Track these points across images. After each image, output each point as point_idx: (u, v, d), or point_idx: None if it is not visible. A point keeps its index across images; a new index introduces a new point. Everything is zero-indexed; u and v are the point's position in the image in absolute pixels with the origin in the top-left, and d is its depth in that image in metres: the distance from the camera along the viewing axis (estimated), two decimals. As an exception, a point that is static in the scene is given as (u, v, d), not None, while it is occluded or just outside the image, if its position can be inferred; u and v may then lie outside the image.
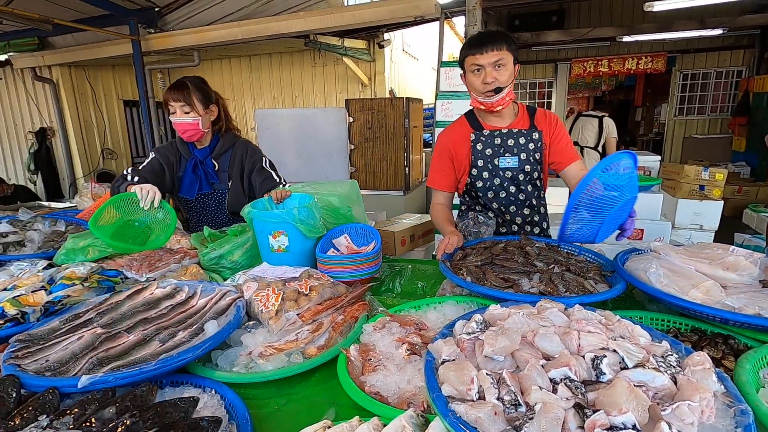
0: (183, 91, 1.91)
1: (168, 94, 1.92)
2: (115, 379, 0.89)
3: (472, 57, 1.63)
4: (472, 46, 1.63)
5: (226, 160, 2.08)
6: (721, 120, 7.97)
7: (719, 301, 1.06)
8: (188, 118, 1.93)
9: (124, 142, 8.38)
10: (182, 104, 1.91)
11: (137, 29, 6.02)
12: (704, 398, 0.67)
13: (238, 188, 2.08)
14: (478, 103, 1.70)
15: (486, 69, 1.61)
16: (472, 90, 1.69)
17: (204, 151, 2.07)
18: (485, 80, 1.61)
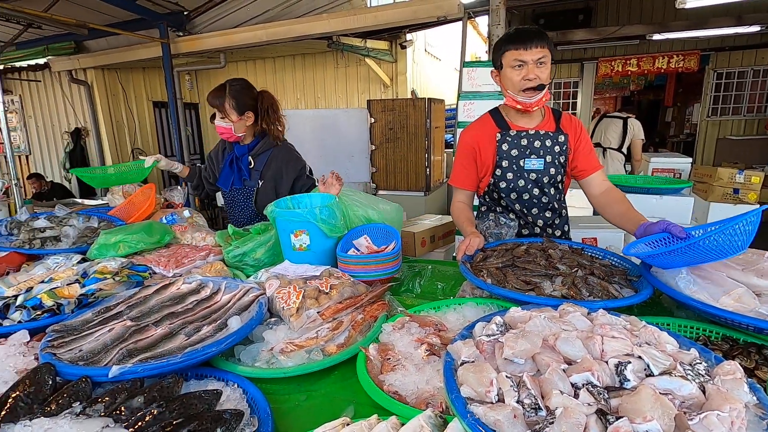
0: (218, 98, 2.08)
1: (210, 99, 2.10)
2: (144, 370, 0.92)
3: (515, 52, 1.58)
4: (515, 40, 1.58)
5: (262, 161, 2.20)
6: (758, 120, 7.62)
7: (753, 309, 1.02)
8: (223, 122, 2.12)
9: (153, 142, 8.65)
10: (221, 109, 2.09)
11: (167, 32, 6.21)
12: (734, 409, 0.65)
13: (269, 189, 2.18)
14: (515, 103, 1.65)
15: (528, 65, 1.57)
16: (511, 87, 1.63)
17: (242, 149, 2.22)
18: (527, 76, 1.57)
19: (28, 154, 8.78)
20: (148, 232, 1.79)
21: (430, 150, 5.10)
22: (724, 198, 3.65)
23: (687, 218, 3.34)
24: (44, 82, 8.21)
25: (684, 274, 1.16)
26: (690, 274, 1.15)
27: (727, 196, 3.66)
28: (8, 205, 4.40)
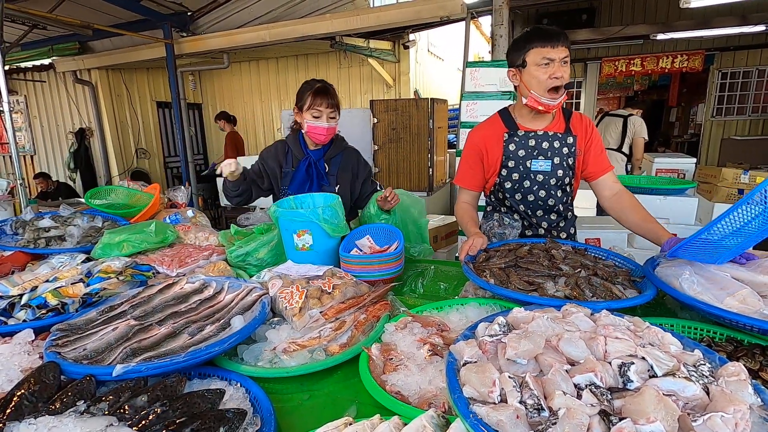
0: (332, 96, 1.95)
1: (319, 99, 1.92)
2: (147, 369, 0.92)
3: (543, 50, 1.55)
4: (543, 38, 1.55)
5: (336, 164, 2.11)
6: (763, 121, 7.57)
7: (757, 310, 1.01)
8: (333, 123, 1.98)
9: (157, 142, 8.69)
10: (332, 110, 1.95)
11: (170, 33, 6.24)
12: (739, 410, 0.64)
13: (346, 192, 2.11)
14: (537, 104, 1.61)
15: (556, 63, 1.55)
16: (535, 86, 1.59)
17: (318, 153, 2.08)
18: (555, 74, 1.55)
19: (33, 154, 8.84)
20: (151, 232, 1.80)
21: (432, 150, 5.10)
22: (729, 198, 3.63)
23: (691, 219, 3.32)
24: (49, 82, 8.26)
25: (688, 274, 1.15)
26: (694, 275, 1.14)
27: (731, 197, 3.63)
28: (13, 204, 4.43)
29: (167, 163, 8.90)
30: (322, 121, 1.93)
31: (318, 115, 1.92)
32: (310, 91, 1.93)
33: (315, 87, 1.93)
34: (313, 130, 1.96)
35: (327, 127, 1.94)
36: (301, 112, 1.98)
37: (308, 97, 1.92)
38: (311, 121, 1.94)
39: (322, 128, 1.94)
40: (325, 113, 1.92)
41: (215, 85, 9.04)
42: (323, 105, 1.91)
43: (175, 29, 6.31)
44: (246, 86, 8.76)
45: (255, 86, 8.69)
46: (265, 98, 8.69)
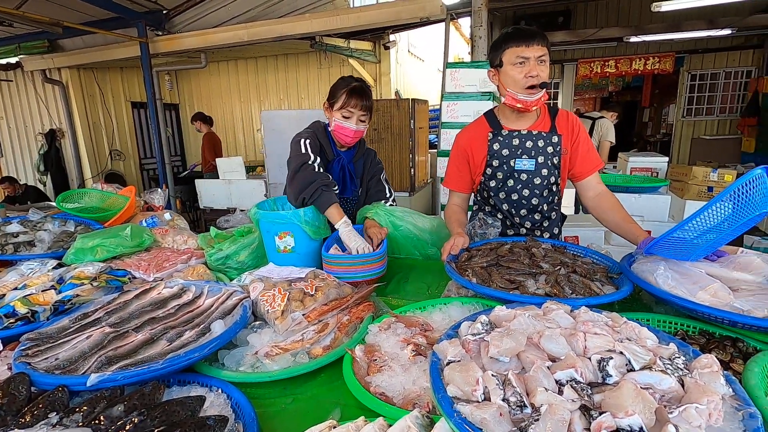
0: (367, 98, 1.84)
1: (353, 99, 1.80)
2: (124, 377, 0.90)
3: (518, 49, 1.57)
4: (518, 38, 1.57)
5: (360, 166, 2.03)
6: (731, 121, 7.88)
7: (728, 303, 1.05)
8: (363, 126, 1.87)
9: (132, 144, 8.46)
10: (364, 113, 1.85)
11: (145, 31, 6.09)
12: (712, 401, 0.66)
13: (363, 195, 2.04)
14: (515, 102, 1.63)
15: (530, 62, 1.56)
16: (512, 85, 1.61)
17: (349, 154, 1.97)
18: (530, 73, 1.56)
19: (0, 156, 8.49)
20: (127, 236, 1.75)
21: (414, 150, 5.12)
22: (700, 196, 3.76)
23: (665, 216, 3.43)
24: (16, 81, 7.95)
25: (662, 270, 1.18)
26: (668, 270, 1.18)
27: (702, 194, 3.77)
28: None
29: (143, 164, 8.68)
30: (351, 122, 1.82)
31: (349, 116, 1.81)
32: (346, 89, 1.81)
33: (351, 86, 1.82)
34: (341, 131, 1.84)
35: (355, 129, 1.83)
36: (331, 109, 1.86)
37: (342, 95, 1.81)
38: (341, 120, 1.82)
39: (350, 130, 1.83)
40: (356, 115, 1.82)
41: (192, 84, 8.87)
42: (357, 107, 1.80)
43: (149, 28, 6.16)
44: (224, 86, 8.63)
45: (234, 86, 8.56)
46: (244, 98, 8.58)
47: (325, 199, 1.68)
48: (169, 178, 6.81)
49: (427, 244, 1.87)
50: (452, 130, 3.89)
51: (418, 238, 1.86)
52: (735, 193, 1.06)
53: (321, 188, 1.69)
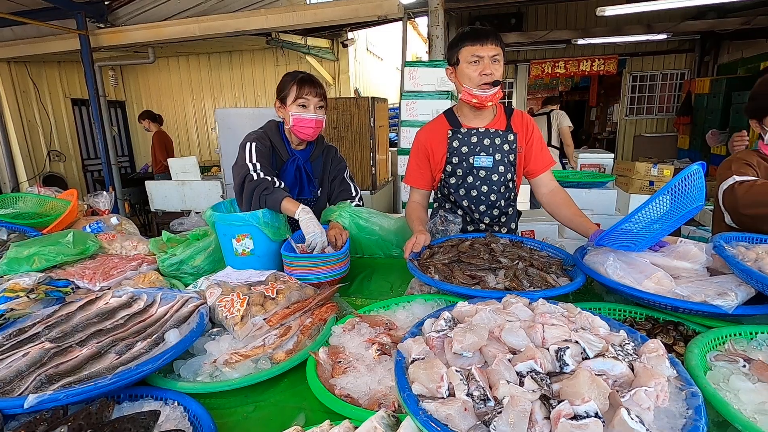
0: (320, 86, 1.78)
1: (305, 88, 1.75)
2: (67, 396, 0.83)
3: (473, 48, 1.62)
4: (472, 37, 1.62)
5: (318, 165, 1.96)
6: (668, 119, 8.49)
7: (670, 290, 1.12)
8: (320, 114, 1.80)
9: (74, 143, 7.90)
10: (320, 99, 1.78)
11: (85, 24, 5.68)
12: (659, 383, 0.71)
13: (324, 196, 1.96)
14: (471, 97, 1.67)
15: (485, 61, 1.61)
16: (467, 82, 1.66)
17: (305, 153, 1.90)
18: (484, 71, 1.61)
19: None
20: (68, 243, 1.63)
21: (374, 149, 5.12)
22: (642, 190, 4.02)
23: (612, 209, 3.64)
24: (-65, 75, 7.20)
25: (612, 261, 1.25)
26: (617, 261, 1.25)
27: (644, 188, 4.03)
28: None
29: (86, 166, 8.13)
30: (309, 111, 1.75)
31: (305, 104, 1.75)
32: (294, 80, 1.77)
33: (299, 76, 1.78)
34: (300, 124, 1.76)
35: (315, 118, 1.76)
36: (284, 105, 1.79)
37: (293, 86, 1.76)
38: (298, 112, 1.75)
39: (310, 119, 1.75)
40: (312, 102, 1.75)
41: (140, 81, 8.41)
42: (311, 94, 1.75)
43: (90, 19, 5.75)
44: (175, 83, 8.24)
45: (185, 83, 8.20)
46: (197, 96, 8.24)
47: (273, 199, 1.62)
48: (116, 180, 6.41)
49: (391, 245, 1.88)
50: (412, 129, 3.93)
51: (383, 239, 1.86)
52: (675, 187, 1.13)
53: (263, 193, 1.63)
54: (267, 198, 1.63)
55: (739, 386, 0.84)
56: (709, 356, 0.94)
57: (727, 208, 1.60)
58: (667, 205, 1.15)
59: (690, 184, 1.14)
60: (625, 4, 5.23)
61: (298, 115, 1.76)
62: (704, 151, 7.15)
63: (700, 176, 1.15)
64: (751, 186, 1.50)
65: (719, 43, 7.66)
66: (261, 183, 1.66)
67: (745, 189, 1.50)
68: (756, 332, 1.00)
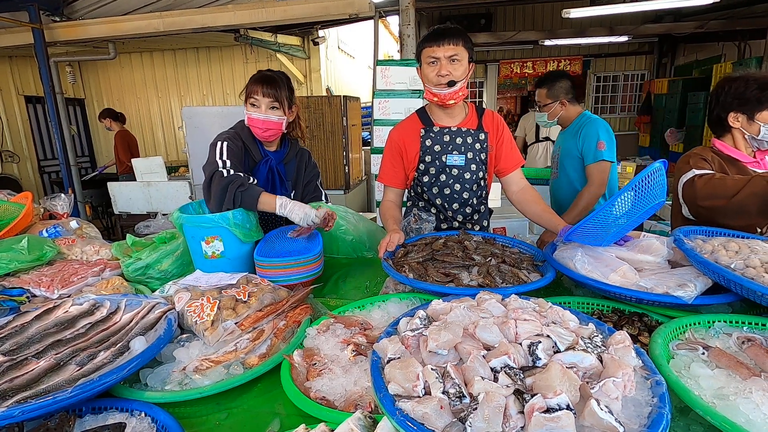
0: (275, 85, 1.71)
1: (256, 86, 1.69)
2: (23, 412, 0.78)
3: (429, 49, 1.65)
4: (430, 38, 1.65)
5: (292, 168, 1.90)
6: (629, 118, 8.86)
7: (634, 283, 1.17)
8: (274, 116, 1.72)
9: (28, 143, 7.48)
10: (272, 100, 1.70)
11: (39, 16, 5.37)
12: (626, 373, 0.73)
13: (297, 199, 1.87)
14: (432, 95, 1.71)
15: (441, 62, 1.63)
16: (427, 82, 1.70)
17: (278, 155, 1.85)
18: (440, 72, 1.64)
19: None
20: (23, 249, 1.53)
21: (348, 148, 5.09)
22: (607, 186, 4.18)
23: (579, 205, 3.75)
24: None
25: (580, 256, 1.29)
26: (585, 256, 1.28)
27: (608, 185, 4.19)
28: None
29: (43, 167, 7.71)
30: (259, 111, 1.70)
31: (256, 104, 1.70)
32: (252, 78, 1.74)
33: (259, 75, 1.74)
34: (251, 123, 1.73)
35: (264, 118, 1.70)
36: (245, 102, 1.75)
37: (249, 84, 1.73)
38: (249, 110, 1.71)
39: (259, 119, 1.70)
40: (263, 103, 1.69)
41: (100, 77, 8.04)
42: (261, 93, 1.69)
43: (44, 12, 5.45)
44: (138, 80, 7.93)
45: (150, 80, 7.91)
46: (162, 93, 7.96)
47: (250, 195, 1.56)
48: (75, 182, 6.10)
49: (364, 247, 1.87)
50: (385, 127, 3.93)
51: (357, 241, 1.85)
52: (638, 184, 1.17)
53: (238, 189, 1.56)
54: (243, 194, 1.56)
55: (699, 373, 0.88)
56: (672, 345, 0.98)
57: (685, 200, 1.68)
58: (630, 204, 1.20)
59: (653, 181, 1.19)
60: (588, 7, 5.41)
61: (249, 114, 1.72)
62: (663, 149, 7.51)
63: (662, 173, 1.20)
64: (710, 179, 1.58)
65: (675, 45, 8.06)
66: (234, 179, 1.59)
67: (704, 182, 1.58)
68: (713, 321, 1.05)
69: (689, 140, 6.64)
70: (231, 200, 1.56)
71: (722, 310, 1.16)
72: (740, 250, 1.17)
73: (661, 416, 0.69)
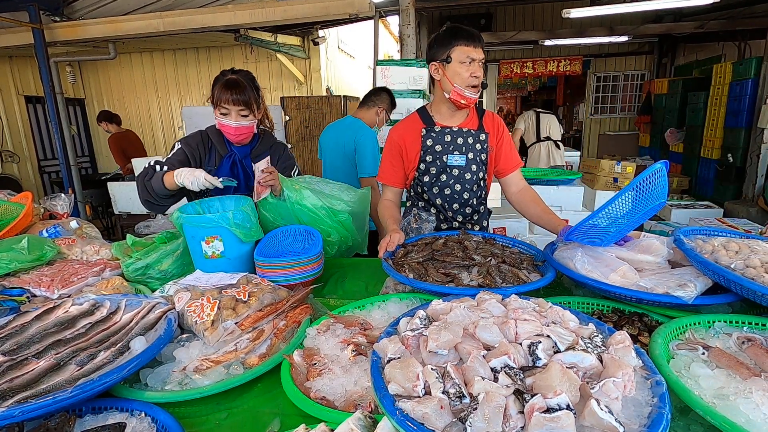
0: (241, 91, 1.72)
1: (225, 94, 1.71)
2: (22, 412, 0.78)
3: (467, 48, 1.64)
4: (468, 38, 1.64)
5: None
6: (629, 118, 8.85)
7: (634, 283, 1.17)
8: (245, 122, 1.76)
9: (28, 143, 7.48)
10: (241, 108, 1.73)
11: (39, 16, 5.37)
12: (626, 374, 0.73)
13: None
14: (461, 97, 1.69)
15: (476, 63, 1.65)
16: (459, 82, 1.66)
17: (244, 150, 1.87)
18: (475, 73, 1.65)
19: None
20: (23, 249, 1.53)
21: (348, 148, 5.09)
22: (607, 186, 4.17)
23: (579, 205, 3.75)
24: None
25: (580, 255, 1.29)
26: (585, 256, 1.28)
27: (609, 185, 4.18)
28: None
29: (43, 167, 7.71)
30: (230, 119, 1.74)
31: (226, 113, 1.74)
32: (218, 84, 1.74)
33: (223, 80, 1.74)
34: (223, 129, 1.79)
35: (236, 126, 1.75)
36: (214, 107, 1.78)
37: (216, 91, 1.74)
38: (220, 118, 1.76)
39: (231, 127, 1.75)
40: (233, 111, 1.73)
41: (101, 77, 8.04)
42: (229, 102, 1.71)
43: (44, 12, 5.44)
44: (138, 80, 7.93)
45: (150, 80, 7.90)
46: (162, 93, 7.95)
47: (155, 181, 1.66)
48: (75, 182, 6.10)
49: None
50: (385, 127, 3.92)
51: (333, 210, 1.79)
52: (639, 185, 1.17)
53: (144, 179, 1.68)
54: (148, 183, 1.67)
55: (699, 373, 0.88)
56: (672, 345, 0.98)
57: None
58: (630, 204, 1.20)
59: (653, 182, 1.19)
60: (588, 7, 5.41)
61: (221, 121, 1.77)
62: (663, 149, 7.50)
63: (663, 174, 1.20)
64: None
65: (675, 45, 8.05)
66: (142, 173, 1.70)
67: None
68: (713, 321, 1.05)
69: (689, 140, 6.64)
70: (143, 191, 1.70)
71: (722, 310, 1.16)
72: (740, 250, 1.17)
73: (661, 416, 0.69)
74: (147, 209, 1.81)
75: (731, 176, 5.63)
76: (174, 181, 1.62)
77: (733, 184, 5.61)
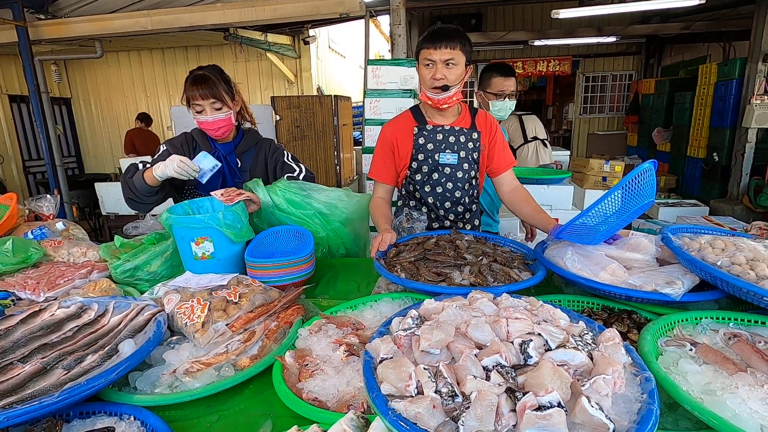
0: (209, 85, 1.72)
1: (193, 91, 1.71)
2: (7, 418, 0.76)
3: (426, 51, 1.64)
4: (428, 39, 1.65)
5: (249, 159, 1.92)
6: (618, 118, 8.96)
7: (623, 281, 1.18)
8: (221, 114, 1.76)
9: (12, 144, 7.34)
10: (213, 101, 1.73)
11: (23, 14, 5.27)
12: (616, 371, 0.74)
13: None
14: (426, 98, 1.72)
15: (437, 65, 1.63)
16: (423, 84, 1.71)
17: (228, 146, 1.88)
18: (435, 76, 1.64)
19: None
20: (7, 251, 1.50)
21: (339, 147, 5.08)
22: (596, 185, 4.22)
23: (569, 204, 3.79)
24: None
25: (570, 254, 1.30)
26: (575, 254, 1.30)
27: (598, 184, 4.23)
28: None
29: (28, 168, 7.57)
30: (205, 114, 1.74)
31: (200, 110, 1.74)
32: (187, 83, 1.75)
33: (192, 75, 1.75)
34: (202, 126, 1.80)
35: (212, 120, 1.75)
36: (188, 106, 1.79)
37: (186, 90, 1.75)
38: (197, 117, 1.77)
39: (208, 122, 1.76)
40: (206, 105, 1.73)
41: (87, 76, 7.92)
42: (199, 97, 1.72)
43: (28, 10, 5.34)
44: (126, 79, 7.83)
45: (138, 79, 7.81)
46: (150, 93, 7.86)
47: (136, 178, 1.70)
48: (61, 182, 6.00)
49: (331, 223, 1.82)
50: (376, 127, 3.92)
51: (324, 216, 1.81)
52: (628, 184, 1.19)
53: (126, 177, 1.73)
54: (130, 181, 1.72)
55: (687, 369, 0.89)
56: (660, 342, 1.00)
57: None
58: (619, 203, 1.21)
59: (642, 181, 1.20)
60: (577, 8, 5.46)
61: (197, 119, 1.78)
62: (651, 148, 7.61)
63: (651, 174, 1.22)
64: None
65: (662, 46, 8.17)
66: (125, 172, 1.75)
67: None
68: (701, 317, 1.07)
69: (676, 140, 6.74)
70: (126, 189, 1.75)
71: (709, 306, 1.18)
72: (726, 247, 1.19)
73: (651, 412, 0.69)
74: (130, 207, 1.82)
75: (717, 175, 5.73)
76: (153, 175, 1.65)
77: (718, 183, 5.72)
